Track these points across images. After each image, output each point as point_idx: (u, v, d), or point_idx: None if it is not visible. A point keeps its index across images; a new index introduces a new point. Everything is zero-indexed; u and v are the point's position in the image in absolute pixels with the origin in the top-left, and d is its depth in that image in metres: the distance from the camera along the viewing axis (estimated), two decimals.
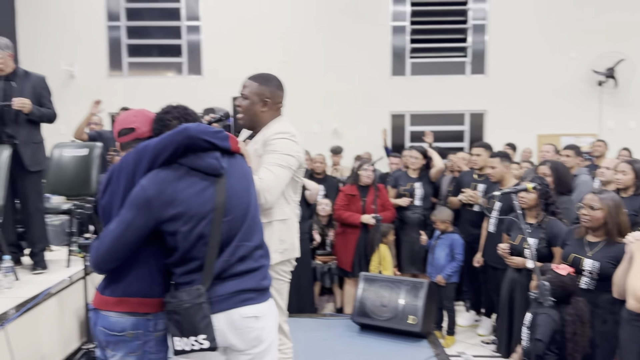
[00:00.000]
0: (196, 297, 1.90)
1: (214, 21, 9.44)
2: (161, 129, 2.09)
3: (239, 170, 2.09)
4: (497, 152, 4.81)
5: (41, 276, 3.91)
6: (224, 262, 1.97)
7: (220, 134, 2.02)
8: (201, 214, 1.93)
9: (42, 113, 3.88)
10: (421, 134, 9.49)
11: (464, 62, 9.61)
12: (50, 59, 9.06)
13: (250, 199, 2.09)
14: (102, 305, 2.02)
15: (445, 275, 4.80)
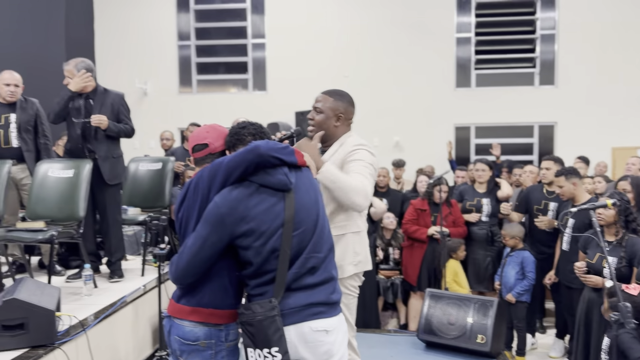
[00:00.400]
0: (269, 310, 1.94)
1: (278, 38, 9.65)
2: (235, 143, 2.16)
3: (306, 183, 2.12)
4: (562, 169, 4.61)
5: (118, 284, 4.10)
6: (294, 274, 2.00)
7: (287, 149, 2.07)
8: (272, 229, 1.98)
9: (119, 129, 4.10)
10: (487, 147, 9.29)
11: (532, 72, 9.32)
12: (125, 77, 9.55)
13: (318, 210, 2.11)
14: (177, 314, 2.09)
15: (516, 294, 4.63)
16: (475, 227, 5.17)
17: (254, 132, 2.17)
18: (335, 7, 9.48)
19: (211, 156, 2.20)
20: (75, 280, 4.15)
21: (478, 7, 9.33)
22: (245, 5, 9.81)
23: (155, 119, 9.30)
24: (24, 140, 4.31)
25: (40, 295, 2.83)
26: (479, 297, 4.49)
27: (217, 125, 2.27)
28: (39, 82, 5.81)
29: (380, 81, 9.31)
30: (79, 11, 9.41)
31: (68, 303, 3.52)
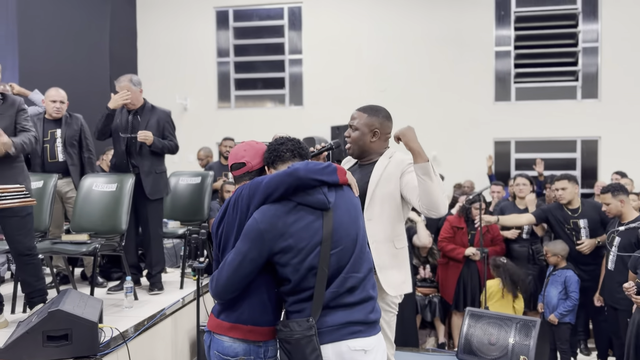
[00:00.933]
0: (307, 329, 1.93)
1: (315, 54, 9.74)
2: (274, 160, 2.17)
3: (347, 202, 2.11)
4: (608, 185, 4.45)
5: (158, 297, 4.16)
6: (332, 293, 1.99)
7: (328, 168, 2.06)
8: (310, 246, 1.98)
9: (163, 145, 4.18)
10: (528, 162, 9.10)
11: (575, 86, 9.10)
12: (166, 93, 9.78)
13: (358, 229, 2.10)
14: (217, 329, 2.10)
15: (559, 315, 4.48)
16: (516, 244, 5.05)
17: (293, 149, 2.17)
18: (372, 22, 9.51)
19: (249, 174, 2.23)
20: (117, 292, 4.23)
21: (517, 20, 9.20)
22: (282, 22, 9.96)
23: (195, 134, 9.48)
24: (69, 154, 4.45)
25: (83, 307, 2.89)
26: (521, 317, 4.35)
27: (254, 143, 2.28)
28: (83, 98, 6.02)
29: (417, 95, 9.26)
30: (122, 30, 9.73)
31: (109, 315, 3.59)
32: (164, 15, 10.09)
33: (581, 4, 9.03)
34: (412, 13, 9.36)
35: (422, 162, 2.42)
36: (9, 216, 3.27)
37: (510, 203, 5.27)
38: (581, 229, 4.70)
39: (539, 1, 9.19)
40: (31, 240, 3.41)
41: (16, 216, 3.29)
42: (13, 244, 3.34)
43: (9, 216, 3.27)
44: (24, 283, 3.46)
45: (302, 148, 2.19)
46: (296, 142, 2.20)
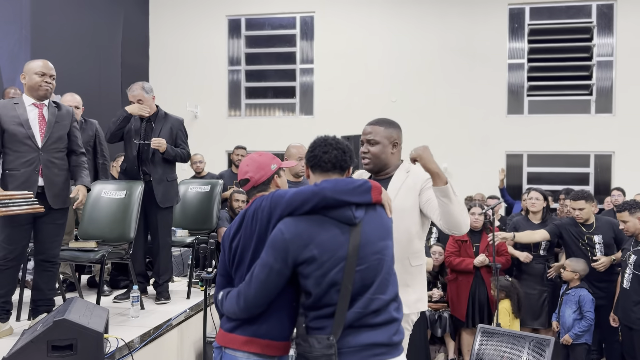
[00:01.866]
0: (327, 347, 1.89)
1: (326, 63, 9.72)
2: (313, 166, 2.11)
3: (377, 221, 2.04)
4: (625, 203, 4.36)
5: (164, 306, 4.11)
6: (357, 313, 1.93)
7: (360, 188, 2.00)
8: (334, 259, 1.92)
9: (176, 153, 4.15)
10: (540, 176, 9.00)
11: (589, 100, 9.01)
12: (177, 101, 9.79)
13: (386, 250, 2.04)
14: (230, 344, 2.05)
15: (573, 335, 4.38)
16: (532, 261, 4.94)
17: (335, 161, 2.08)
18: (384, 32, 9.48)
19: (255, 189, 2.21)
20: (123, 301, 4.18)
21: (531, 33, 9.14)
22: (294, 31, 9.95)
23: (205, 141, 9.46)
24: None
25: (89, 317, 2.84)
26: (534, 335, 4.25)
27: (256, 156, 2.24)
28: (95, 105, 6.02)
29: (428, 107, 9.20)
30: (134, 37, 9.77)
31: (115, 324, 3.54)
32: (176, 22, 10.13)
33: (596, 17, 8.96)
34: (425, 24, 9.33)
35: (442, 185, 2.37)
36: (48, 222, 3.32)
37: (523, 218, 5.15)
38: (596, 244, 4.61)
39: (553, 14, 9.13)
40: (59, 248, 3.44)
41: (54, 223, 3.35)
42: (42, 249, 3.37)
43: (48, 222, 3.32)
44: (36, 288, 3.45)
45: (346, 160, 2.10)
46: (341, 151, 2.10)
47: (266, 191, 2.20)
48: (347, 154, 2.09)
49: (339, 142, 2.11)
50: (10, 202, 3.02)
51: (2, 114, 3.24)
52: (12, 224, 3.21)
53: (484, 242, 4.92)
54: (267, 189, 2.21)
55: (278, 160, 2.28)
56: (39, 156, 3.26)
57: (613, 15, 8.89)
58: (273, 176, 2.22)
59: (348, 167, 2.11)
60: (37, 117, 3.30)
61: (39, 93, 3.31)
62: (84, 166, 3.50)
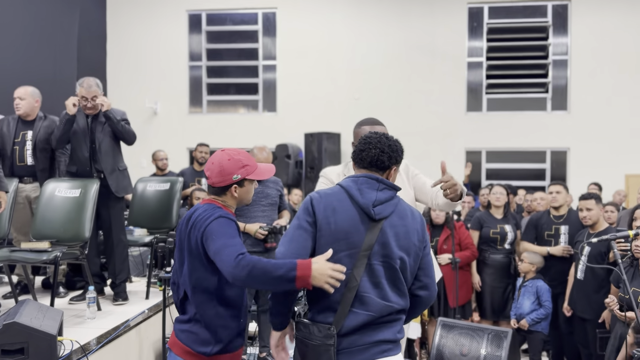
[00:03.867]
0: (327, 337, 1.91)
1: (289, 60, 9.69)
2: (354, 159, 2.14)
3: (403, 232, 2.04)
4: (590, 193, 4.49)
5: (122, 307, 4.01)
6: (368, 316, 1.96)
7: (283, 278, 1.94)
8: (346, 242, 1.96)
9: (119, 121, 4.00)
10: (499, 172, 9.21)
11: (545, 98, 9.27)
12: (135, 96, 9.59)
13: (401, 261, 2.04)
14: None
15: (530, 320, 4.49)
16: (499, 255, 5.03)
17: (371, 160, 2.06)
18: (346, 30, 9.51)
19: (212, 188, 2.21)
20: (79, 302, 4.07)
21: (489, 31, 9.33)
22: (256, 27, 9.88)
23: (165, 139, 9.31)
24: (38, 158, 4.26)
25: (42, 319, 2.75)
26: (492, 327, 4.35)
27: (224, 160, 2.17)
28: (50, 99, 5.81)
29: (391, 104, 9.28)
30: (91, 31, 9.50)
31: (70, 326, 3.44)
32: (135, 16, 9.90)
33: (551, 17, 9.21)
34: (387, 22, 9.40)
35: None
36: None
37: (485, 213, 5.24)
38: (561, 235, 4.70)
39: (510, 13, 9.35)
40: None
41: None
42: None
43: None
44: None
45: (383, 161, 2.06)
46: (379, 151, 2.06)
47: (219, 196, 2.20)
48: (385, 154, 2.06)
49: (381, 140, 2.08)
50: None
51: None
52: None
53: (444, 235, 4.98)
54: (222, 194, 2.19)
55: (250, 168, 2.20)
56: None
57: (568, 16, 9.16)
58: (231, 186, 2.17)
59: (387, 167, 2.08)
60: None
61: None
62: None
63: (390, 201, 2.04)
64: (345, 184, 2.06)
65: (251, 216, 4.04)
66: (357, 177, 2.07)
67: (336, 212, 1.98)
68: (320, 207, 1.99)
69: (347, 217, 1.98)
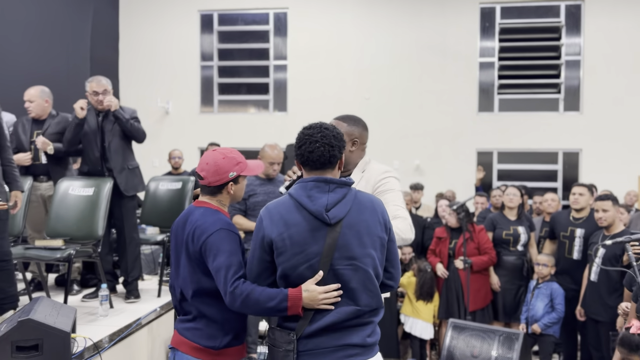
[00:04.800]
0: (286, 343, 1.91)
1: (300, 60, 9.69)
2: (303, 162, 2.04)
3: (363, 228, 1.98)
4: (607, 194, 4.45)
5: (134, 305, 4.04)
6: (335, 317, 1.93)
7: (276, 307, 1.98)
8: (305, 254, 1.92)
9: (127, 119, 4.02)
10: (510, 173, 9.16)
11: (557, 98, 9.20)
12: (147, 96, 9.64)
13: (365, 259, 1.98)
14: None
15: (542, 325, 4.46)
16: (511, 256, 4.99)
17: (323, 159, 1.98)
18: (357, 30, 9.50)
19: (207, 188, 2.19)
20: (91, 300, 4.10)
21: (502, 32, 9.27)
22: (268, 27, 9.89)
23: (176, 138, 9.35)
24: (51, 156, 4.30)
25: (56, 316, 2.77)
26: (504, 329, 4.33)
27: (219, 158, 2.17)
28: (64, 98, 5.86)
29: (401, 104, 9.26)
30: (104, 31, 9.57)
31: (83, 323, 3.47)
32: (147, 16, 9.96)
33: (564, 18, 9.14)
34: (398, 22, 9.38)
35: None
36: None
37: (499, 214, 5.21)
38: (575, 238, 4.65)
39: (523, 13, 9.29)
40: (7, 245, 3.32)
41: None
42: None
43: None
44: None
45: (335, 155, 2.00)
46: (329, 147, 1.98)
47: (215, 196, 2.20)
48: (335, 148, 1.99)
49: (325, 135, 1.99)
50: None
51: None
52: None
53: (462, 239, 4.95)
54: (218, 193, 2.20)
55: (243, 165, 2.22)
56: None
57: (581, 16, 9.09)
58: (227, 184, 2.18)
59: (337, 160, 2.02)
60: None
61: None
62: (13, 166, 3.39)
63: (344, 199, 1.95)
64: (294, 192, 1.98)
65: None
66: (306, 182, 1.98)
67: (289, 226, 1.92)
68: (270, 225, 1.94)
69: (301, 230, 1.91)
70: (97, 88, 4.02)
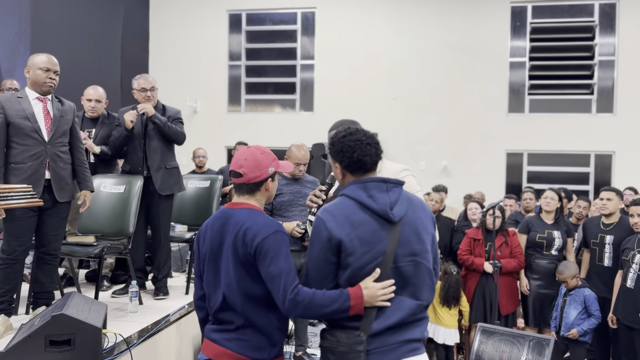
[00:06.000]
0: (356, 344, 1.88)
1: (327, 60, 9.68)
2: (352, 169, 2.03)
3: (419, 224, 2.02)
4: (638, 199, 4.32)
5: (162, 302, 4.07)
6: (400, 317, 1.93)
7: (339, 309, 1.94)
8: (372, 253, 1.92)
9: (165, 123, 4.06)
10: (540, 175, 8.99)
11: (590, 99, 8.99)
12: (176, 95, 9.74)
13: (425, 254, 2.02)
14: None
15: (582, 330, 4.35)
16: (544, 260, 4.90)
17: (376, 160, 2.02)
18: (386, 29, 9.44)
19: (245, 186, 2.11)
20: (121, 296, 4.15)
21: (533, 31, 9.11)
22: (295, 27, 9.91)
23: (204, 137, 9.42)
24: (98, 156, 4.37)
25: (87, 312, 2.81)
26: (534, 334, 4.23)
27: (257, 153, 2.12)
28: None
29: (429, 104, 9.18)
30: (135, 31, 9.72)
31: (113, 319, 3.51)
32: (176, 16, 10.08)
33: (598, 17, 8.93)
34: (427, 22, 9.30)
35: None
36: (52, 215, 3.33)
37: (535, 217, 5.10)
38: (605, 244, 4.55)
39: (555, 13, 9.11)
40: (60, 242, 3.45)
41: (58, 216, 3.36)
42: (44, 242, 3.36)
43: (52, 215, 3.33)
44: (36, 281, 3.43)
45: (379, 155, 2.03)
46: (375, 147, 2.01)
47: (254, 195, 2.13)
48: (379, 148, 2.04)
49: (369, 136, 2.03)
50: (9, 196, 2.99)
51: (7, 107, 3.24)
52: (17, 217, 3.19)
53: (499, 242, 4.86)
54: (257, 190, 2.12)
55: (277, 162, 2.18)
56: (45, 150, 3.27)
57: (615, 15, 8.86)
58: (266, 180, 2.13)
59: (377, 145, 2.05)
60: (42, 111, 3.31)
61: (42, 89, 3.33)
62: (86, 165, 3.51)
63: (400, 198, 1.98)
64: (351, 193, 1.97)
65: (289, 215, 4.05)
66: (364, 183, 1.98)
67: (355, 227, 1.91)
68: (336, 227, 1.91)
69: (367, 229, 1.92)
70: (145, 85, 4.10)
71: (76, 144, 3.47)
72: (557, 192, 5.04)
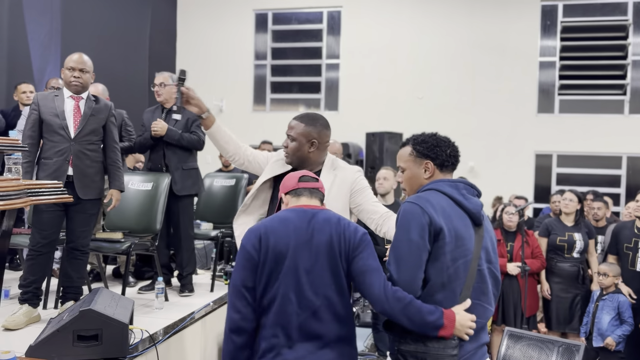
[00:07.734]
0: (451, 348, 1.88)
1: (352, 59, 9.64)
2: (451, 163, 2.10)
3: (492, 238, 2.07)
4: None
5: (188, 299, 4.09)
6: (478, 322, 1.95)
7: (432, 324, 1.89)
8: (464, 248, 1.93)
9: (181, 136, 4.08)
10: (570, 177, 8.80)
11: (622, 100, 8.76)
12: (202, 93, 9.72)
13: (496, 264, 2.08)
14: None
15: (617, 338, 4.24)
16: (566, 263, 4.79)
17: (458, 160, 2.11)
18: (412, 28, 9.36)
19: (319, 194, 2.14)
20: (147, 292, 4.19)
21: (564, 30, 8.92)
22: (321, 26, 9.89)
23: None
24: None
25: (115, 307, 2.83)
26: (564, 340, 4.12)
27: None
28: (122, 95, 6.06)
29: (456, 104, 9.06)
30: (162, 30, 9.82)
31: (139, 315, 3.53)
32: (203, 15, 10.15)
33: (632, 15, 8.70)
34: (455, 21, 9.18)
35: None
36: (78, 212, 3.37)
37: (555, 219, 5.01)
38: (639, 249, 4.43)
39: (587, 11, 8.90)
40: (89, 238, 3.49)
41: (84, 213, 3.40)
42: (72, 237, 3.41)
43: (78, 212, 3.37)
44: (65, 276, 3.48)
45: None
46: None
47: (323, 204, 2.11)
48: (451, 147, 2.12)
49: (449, 139, 2.13)
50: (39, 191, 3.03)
51: (42, 105, 3.34)
52: (43, 210, 3.26)
53: (518, 242, 4.79)
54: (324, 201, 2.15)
55: None
56: (70, 146, 3.32)
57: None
58: None
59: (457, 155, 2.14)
60: (73, 109, 3.37)
61: (70, 88, 3.37)
62: (118, 165, 3.54)
63: None
64: (445, 189, 1.97)
65: None
66: (456, 183, 2.02)
67: (451, 219, 1.91)
68: (435, 215, 1.88)
69: (461, 224, 1.93)
70: (155, 80, 4.15)
71: (110, 143, 3.50)
72: (577, 194, 4.92)
